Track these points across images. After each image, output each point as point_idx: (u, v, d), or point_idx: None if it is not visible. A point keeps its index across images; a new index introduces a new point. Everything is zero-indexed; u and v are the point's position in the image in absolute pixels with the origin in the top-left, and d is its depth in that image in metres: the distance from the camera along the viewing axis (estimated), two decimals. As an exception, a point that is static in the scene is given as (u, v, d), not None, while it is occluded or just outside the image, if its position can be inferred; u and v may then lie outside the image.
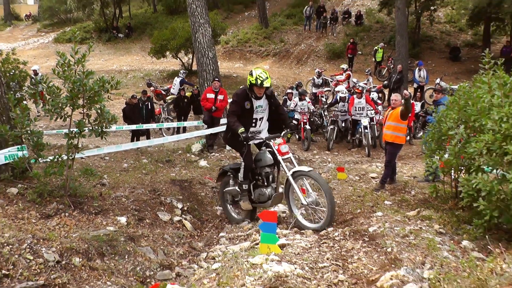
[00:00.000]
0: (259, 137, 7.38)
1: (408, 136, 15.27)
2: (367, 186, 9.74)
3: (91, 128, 6.88)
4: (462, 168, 6.90)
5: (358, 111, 15.95)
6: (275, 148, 6.85)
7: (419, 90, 20.11)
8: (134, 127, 14.42)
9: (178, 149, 14.11)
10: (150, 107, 15.77)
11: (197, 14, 14.18)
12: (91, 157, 11.14)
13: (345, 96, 16.56)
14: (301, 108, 16.56)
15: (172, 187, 8.75)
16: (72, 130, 6.72)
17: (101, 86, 6.65)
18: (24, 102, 9.17)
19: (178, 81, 20.28)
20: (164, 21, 36.65)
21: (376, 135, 15.92)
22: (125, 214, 6.98)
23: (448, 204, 7.25)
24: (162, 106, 19.00)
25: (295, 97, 17.59)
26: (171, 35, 26.88)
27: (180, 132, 16.77)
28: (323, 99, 20.28)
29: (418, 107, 16.88)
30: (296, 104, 16.73)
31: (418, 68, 21.46)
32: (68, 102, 6.60)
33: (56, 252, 5.16)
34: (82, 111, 6.80)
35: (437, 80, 20.90)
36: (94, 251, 5.59)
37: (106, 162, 11.43)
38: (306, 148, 15.64)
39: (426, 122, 15.67)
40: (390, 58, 25.40)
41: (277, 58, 31.66)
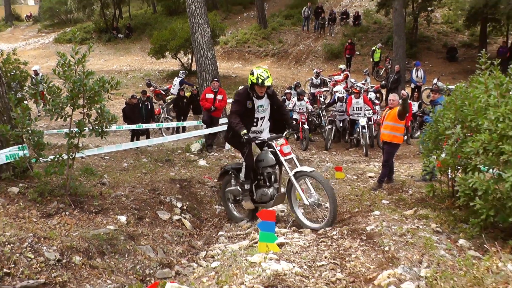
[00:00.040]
0: (261, 137, 7.30)
1: (406, 136, 15.29)
2: (364, 186, 9.76)
3: (91, 127, 6.88)
4: (459, 167, 6.91)
5: (356, 111, 15.95)
6: (277, 148, 6.82)
7: (416, 90, 20.12)
8: (134, 127, 14.41)
9: (178, 148, 14.09)
10: (149, 107, 15.76)
11: (196, 14, 14.17)
12: (91, 156, 11.13)
13: (343, 96, 16.59)
14: (299, 108, 16.57)
15: (172, 186, 8.74)
16: (72, 129, 6.72)
17: (101, 86, 6.64)
18: (25, 102, 9.17)
19: (177, 81, 20.25)
20: (164, 21, 36.63)
21: (374, 135, 15.92)
22: (125, 213, 6.98)
23: (445, 203, 7.26)
24: (162, 106, 18.98)
25: (293, 97, 17.59)
26: (170, 35, 26.88)
27: (180, 132, 16.77)
28: (321, 99, 20.28)
29: (415, 107, 16.89)
30: (295, 104, 16.74)
31: (415, 68, 21.45)
32: (68, 102, 6.59)
33: (56, 251, 5.15)
34: (83, 111, 6.79)
35: (434, 80, 20.94)
36: (95, 249, 5.58)
37: (106, 162, 11.42)
38: (304, 147, 15.65)
39: (423, 122, 15.65)
40: (388, 59, 25.44)
41: (275, 58, 31.67)
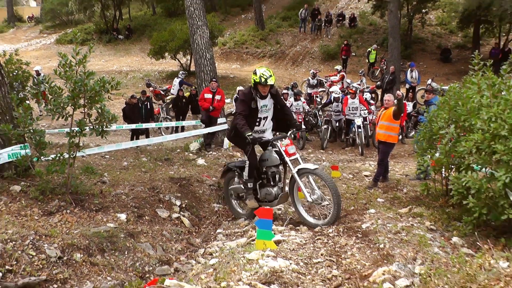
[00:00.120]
0: (265, 137, 7.20)
1: (400, 136, 15.30)
2: (360, 184, 9.77)
3: (92, 127, 6.86)
4: (453, 166, 6.92)
5: (352, 111, 15.96)
6: (282, 149, 6.75)
7: (411, 91, 20.13)
8: (133, 126, 14.38)
9: (177, 148, 14.09)
10: (149, 107, 15.74)
11: (195, 16, 14.16)
12: (92, 155, 11.12)
13: (338, 97, 16.60)
14: (296, 108, 16.57)
15: (171, 185, 8.74)
16: (73, 129, 6.71)
17: (101, 86, 6.63)
18: (27, 102, 9.18)
19: (177, 81, 20.27)
20: (163, 23, 36.58)
21: (369, 135, 15.94)
22: (125, 211, 6.97)
23: (439, 202, 7.28)
24: (161, 106, 18.97)
25: (290, 97, 17.58)
26: (169, 36, 26.83)
27: (179, 131, 16.77)
28: (318, 99, 20.28)
29: (410, 107, 16.89)
30: (292, 104, 16.71)
31: (410, 69, 21.45)
32: (69, 102, 6.58)
33: (58, 248, 5.15)
34: (83, 111, 6.77)
35: (428, 81, 20.92)
36: (95, 247, 5.58)
37: (107, 161, 11.41)
38: (301, 147, 15.65)
39: (417, 122, 15.68)
40: (383, 60, 25.45)
41: (273, 59, 31.65)
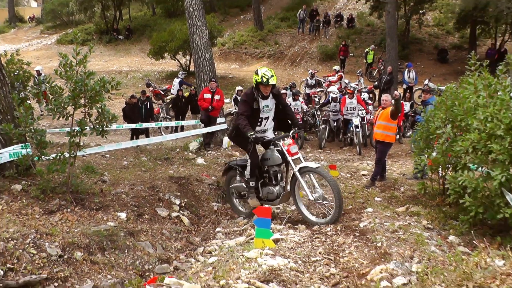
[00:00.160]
0: (268, 137, 7.16)
1: (398, 135, 15.30)
2: (358, 183, 9.77)
3: (92, 126, 6.85)
4: (449, 166, 6.93)
5: (350, 111, 15.97)
6: (284, 149, 6.70)
7: (408, 91, 20.16)
8: (133, 126, 14.38)
9: (176, 147, 14.09)
10: (149, 107, 15.71)
11: (194, 17, 14.16)
12: (92, 155, 11.11)
13: (336, 97, 16.60)
14: (294, 108, 16.55)
15: (170, 184, 8.73)
16: (74, 128, 6.70)
17: (102, 86, 6.62)
18: (28, 102, 9.17)
19: (177, 81, 20.29)
20: (163, 23, 36.54)
21: (367, 134, 15.93)
22: (125, 210, 6.97)
23: (435, 201, 7.29)
24: (161, 105, 18.95)
25: (289, 97, 17.59)
26: (169, 37, 26.82)
27: (178, 131, 16.79)
28: (316, 99, 20.29)
29: (407, 107, 16.90)
30: (290, 104, 16.71)
31: (407, 69, 21.49)
32: (70, 102, 6.57)
33: (58, 247, 5.15)
34: (84, 110, 6.77)
35: (425, 81, 20.94)
36: (95, 245, 5.58)
37: (107, 160, 11.40)
38: (299, 146, 15.62)
39: (415, 122, 15.69)
40: (381, 60, 25.48)
41: (271, 59, 31.65)
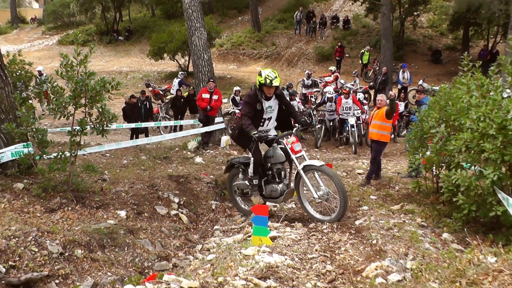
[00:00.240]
0: (271, 136, 7.07)
1: (393, 135, 15.30)
2: (353, 182, 9.78)
3: (93, 126, 6.85)
4: (443, 164, 6.94)
5: (345, 110, 15.96)
6: (288, 147, 6.59)
7: (403, 91, 20.14)
8: (133, 125, 14.37)
9: (175, 146, 14.08)
10: (148, 107, 15.70)
11: (193, 18, 14.15)
12: (92, 154, 11.09)
13: (332, 97, 16.58)
14: (291, 108, 16.54)
15: (169, 182, 8.72)
16: (74, 128, 6.69)
17: (102, 86, 6.61)
18: (30, 101, 9.15)
19: (176, 81, 20.33)
20: (162, 24, 36.46)
21: (362, 134, 15.93)
22: (124, 208, 6.96)
23: (429, 199, 7.31)
24: (160, 105, 18.93)
25: (286, 97, 17.55)
26: (168, 38, 26.81)
27: (177, 130, 16.79)
28: (313, 99, 20.28)
29: (402, 107, 16.89)
30: (287, 104, 16.68)
31: (402, 70, 21.47)
32: (71, 102, 6.57)
33: (59, 245, 5.14)
34: (84, 110, 6.76)
35: (419, 82, 20.93)
36: (95, 243, 5.57)
37: (107, 159, 11.38)
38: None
39: (409, 121, 15.69)
40: (376, 61, 25.48)
41: (269, 60, 31.63)
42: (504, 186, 5.31)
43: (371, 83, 21.99)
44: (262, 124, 6.98)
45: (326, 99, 16.96)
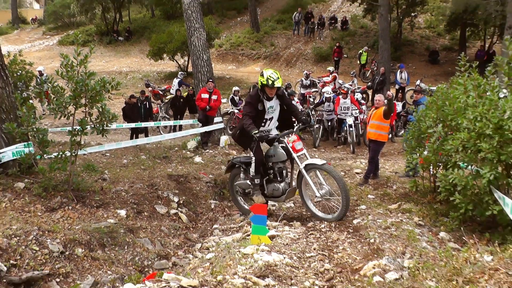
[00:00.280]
0: (272, 135, 7.03)
1: (390, 134, 15.29)
2: (351, 181, 9.78)
3: (93, 126, 6.84)
4: (440, 164, 6.95)
5: (344, 110, 15.97)
6: (289, 145, 6.54)
7: (400, 91, 20.19)
8: (133, 125, 14.37)
9: (175, 146, 14.06)
10: (148, 106, 15.69)
11: (192, 19, 14.14)
12: (93, 153, 11.08)
13: (330, 97, 16.59)
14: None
15: (169, 182, 8.72)
16: (75, 128, 6.69)
17: (102, 86, 6.60)
18: (30, 101, 9.12)
19: (176, 82, 20.34)
20: (162, 25, 36.45)
21: (360, 133, 15.93)
22: (124, 207, 6.96)
23: (427, 198, 7.31)
24: (160, 105, 18.93)
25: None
26: (168, 38, 26.79)
27: (177, 130, 16.80)
28: (311, 99, 20.27)
29: (399, 107, 16.92)
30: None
31: (399, 70, 21.52)
32: (71, 101, 6.57)
33: (60, 243, 5.14)
34: (85, 110, 6.76)
35: (417, 82, 20.94)
36: (96, 242, 5.58)
37: (107, 158, 11.36)
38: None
39: (407, 121, 15.71)
40: (374, 61, 25.49)
41: (267, 60, 31.62)
42: (500, 185, 5.31)
43: (369, 83, 21.99)
44: (264, 124, 6.93)
45: (324, 99, 16.98)
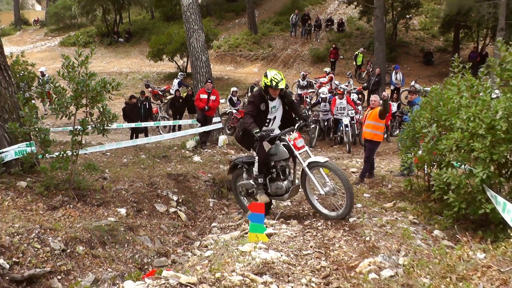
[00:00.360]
0: (273, 133, 6.94)
1: (386, 134, 15.32)
2: (347, 180, 9.77)
3: (94, 125, 6.83)
4: (434, 163, 6.96)
5: (340, 110, 15.98)
6: (291, 143, 6.48)
7: (395, 92, 20.13)
8: (133, 125, 14.36)
9: (174, 145, 14.04)
10: (148, 107, 15.67)
11: (191, 20, 14.12)
12: (93, 153, 11.06)
13: (326, 97, 16.58)
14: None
15: (168, 180, 8.72)
16: (76, 127, 6.68)
17: (103, 87, 6.59)
18: (33, 101, 9.12)
19: (176, 82, 20.35)
20: (161, 27, 36.39)
21: (356, 133, 15.95)
22: (124, 206, 6.95)
23: (421, 197, 7.32)
24: (159, 105, 18.92)
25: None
26: (167, 40, 26.78)
27: (176, 130, 16.79)
28: (308, 100, 20.27)
29: (394, 108, 16.91)
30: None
31: (394, 71, 21.52)
32: (72, 102, 6.56)
33: (61, 241, 5.14)
34: (86, 110, 6.75)
35: (412, 83, 20.96)
36: (96, 240, 5.57)
37: (108, 158, 11.35)
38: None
39: (402, 121, 15.73)
40: (369, 62, 25.48)
41: (265, 62, 31.60)
42: (492, 184, 5.33)
43: (365, 84, 22.00)
44: (267, 124, 6.86)
45: (320, 99, 16.98)
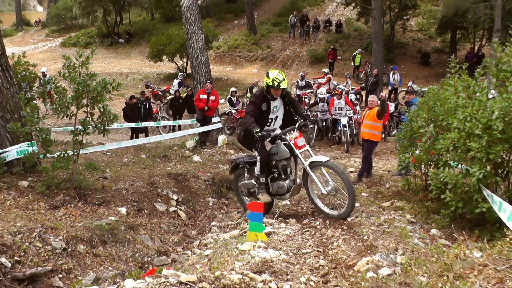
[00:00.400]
0: (274, 133, 6.86)
1: (383, 134, 15.31)
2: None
3: (95, 125, 6.83)
4: (431, 163, 6.96)
5: (338, 111, 15.98)
6: (291, 142, 6.41)
7: (393, 92, 20.20)
8: (133, 125, 14.34)
9: (174, 145, 14.04)
10: (148, 107, 15.64)
11: (191, 21, 14.11)
12: (94, 152, 11.06)
13: (324, 97, 16.58)
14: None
15: (168, 180, 8.72)
16: (77, 127, 6.68)
17: (103, 87, 6.59)
18: (34, 102, 9.11)
19: (176, 82, 20.34)
20: (161, 28, 36.35)
21: (354, 133, 15.93)
22: (125, 205, 6.95)
23: (418, 196, 7.32)
24: (159, 105, 18.90)
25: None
26: (167, 40, 26.76)
27: (176, 130, 16.77)
28: (306, 100, 20.26)
29: (392, 108, 16.92)
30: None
31: (392, 72, 21.53)
32: (73, 102, 6.55)
33: (62, 240, 5.14)
34: (86, 110, 6.75)
35: (409, 83, 20.97)
36: (97, 239, 5.57)
37: (108, 157, 11.35)
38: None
39: (399, 121, 15.77)
40: (367, 63, 25.50)
41: (264, 62, 31.61)
42: (489, 183, 5.33)
43: (363, 85, 22.01)
44: (269, 124, 6.82)
45: (318, 99, 16.98)
